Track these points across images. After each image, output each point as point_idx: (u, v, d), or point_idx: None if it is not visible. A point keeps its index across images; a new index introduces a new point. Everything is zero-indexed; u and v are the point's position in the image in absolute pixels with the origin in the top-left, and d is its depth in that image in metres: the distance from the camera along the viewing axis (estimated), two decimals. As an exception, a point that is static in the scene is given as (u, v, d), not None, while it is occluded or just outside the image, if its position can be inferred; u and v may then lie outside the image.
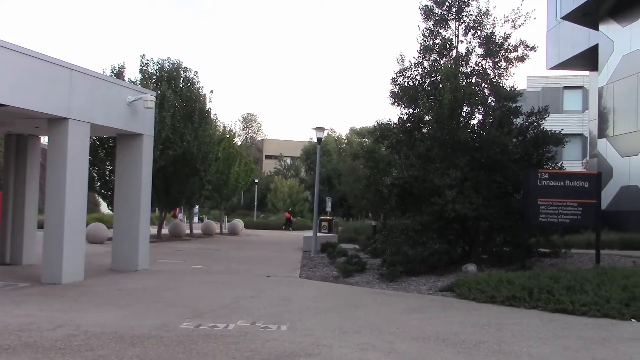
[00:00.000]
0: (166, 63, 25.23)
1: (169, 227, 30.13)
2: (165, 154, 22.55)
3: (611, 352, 6.79)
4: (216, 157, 28.71)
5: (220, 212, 37.13)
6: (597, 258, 12.96)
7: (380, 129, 15.96)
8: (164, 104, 22.12)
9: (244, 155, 37.34)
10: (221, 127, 33.49)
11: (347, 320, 8.51)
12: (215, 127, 29.85)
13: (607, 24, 24.82)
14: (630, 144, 22.91)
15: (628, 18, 23.35)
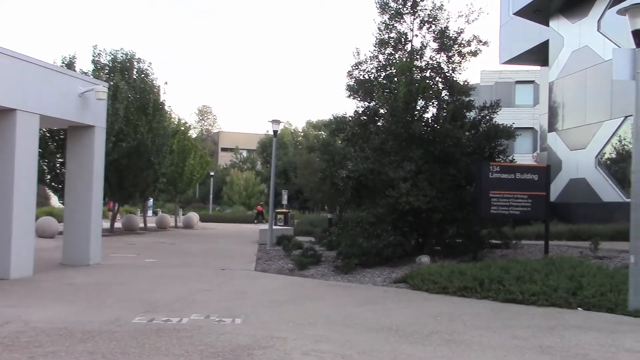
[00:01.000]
0: (119, 54, 24.77)
1: (122, 220, 29.66)
2: (118, 146, 22.16)
3: (558, 340, 6.99)
4: (171, 149, 28.36)
5: (175, 205, 36.72)
6: (546, 249, 13.31)
7: (336, 122, 16.02)
8: (117, 96, 21.72)
9: (199, 148, 36.96)
10: (176, 119, 33.09)
11: (302, 313, 8.54)
12: (169, 119, 29.48)
13: (558, 21, 25.41)
14: (579, 137, 23.54)
15: (577, 15, 23.94)
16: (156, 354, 6.08)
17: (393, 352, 6.37)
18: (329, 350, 6.38)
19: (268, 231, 19.87)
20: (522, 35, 28.70)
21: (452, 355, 6.28)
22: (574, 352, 6.45)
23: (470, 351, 6.45)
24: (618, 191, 20.82)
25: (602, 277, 9.88)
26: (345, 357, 6.11)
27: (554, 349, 6.58)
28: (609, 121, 21.63)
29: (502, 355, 6.31)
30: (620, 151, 21.32)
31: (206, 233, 29.77)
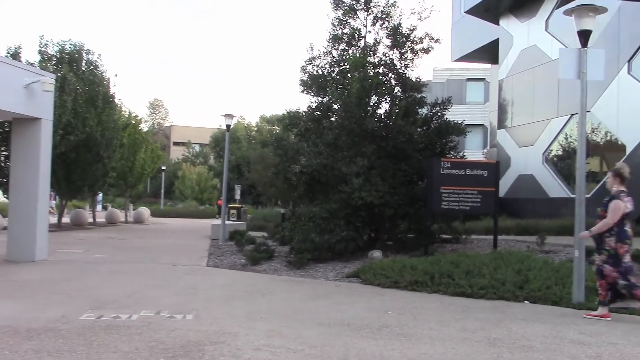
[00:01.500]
0: (67, 45, 24.14)
1: (70, 215, 28.98)
2: (66, 139, 21.61)
3: (505, 332, 7.14)
4: (121, 143, 27.82)
5: (125, 200, 36.08)
6: (495, 243, 13.58)
7: (290, 117, 15.98)
8: (64, 87, 21.17)
9: (151, 142, 36.38)
10: (127, 112, 32.49)
11: (254, 308, 8.51)
12: (120, 112, 28.91)
13: (507, 20, 25.92)
14: (527, 134, 24.10)
15: (526, 14, 24.46)
16: (104, 351, 5.97)
17: (344, 346, 6.40)
18: (280, 345, 6.38)
19: (220, 226, 19.71)
20: (473, 33, 29.17)
21: (402, 348, 6.36)
22: (520, 344, 6.60)
23: (420, 344, 6.54)
24: (564, 187, 21.41)
25: (548, 270, 10.14)
26: (297, 352, 6.12)
27: (501, 341, 6.72)
28: (556, 119, 22.20)
29: (450, 347, 6.41)
30: (567, 148, 21.92)
31: (157, 228, 29.34)
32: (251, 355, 5.94)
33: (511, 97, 25.69)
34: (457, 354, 6.16)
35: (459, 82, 45.97)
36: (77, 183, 24.49)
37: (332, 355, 6.03)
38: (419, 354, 6.16)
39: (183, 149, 74.18)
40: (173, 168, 62.77)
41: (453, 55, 31.47)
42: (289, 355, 5.99)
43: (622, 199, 7.97)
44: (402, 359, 5.97)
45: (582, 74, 9.11)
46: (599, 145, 20.57)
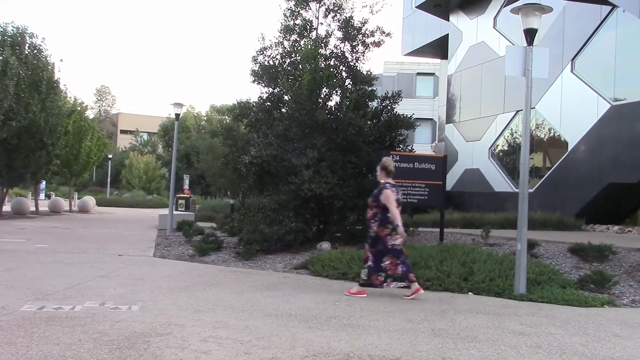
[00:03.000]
0: (10, 27, 23.36)
1: (11, 203, 28.13)
2: (7, 125, 20.96)
3: (449, 323, 7.29)
4: (66, 130, 27.16)
5: (70, 189, 35.24)
6: (441, 236, 13.82)
7: (240, 107, 15.86)
8: (6, 72, 20.54)
9: (97, 129, 35.60)
10: (72, 98, 31.68)
11: (201, 299, 8.44)
12: (65, 98, 28.18)
13: (457, 16, 26.33)
14: (474, 129, 24.59)
15: (475, 11, 24.90)
16: (45, 343, 5.83)
17: (292, 337, 6.42)
18: (227, 336, 6.35)
19: (168, 216, 19.47)
20: (424, 28, 29.54)
21: (349, 339, 6.42)
22: (463, 334, 6.75)
23: (366, 335, 6.61)
24: (509, 182, 21.95)
25: (492, 263, 10.38)
26: (244, 343, 6.11)
27: (445, 331, 6.86)
28: (502, 115, 22.72)
29: (396, 338, 6.51)
30: (512, 144, 22.46)
31: (103, 218, 28.76)
32: (197, 347, 5.90)
33: (459, 92, 26.14)
34: (402, 344, 6.25)
35: (409, 76, 46.48)
36: (19, 170, 23.81)
37: (279, 346, 6.04)
38: (365, 344, 6.23)
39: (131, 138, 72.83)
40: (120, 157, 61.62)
41: (404, 49, 31.82)
42: (235, 346, 5.98)
43: (388, 188, 8.98)
44: (349, 349, 6.03)
45: (528, 71, 9.33)
46: (543, 141, 21.15)
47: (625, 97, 17.24)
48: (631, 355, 6.15)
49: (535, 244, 12.41)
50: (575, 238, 13.38)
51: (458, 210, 21.39)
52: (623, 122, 17.00)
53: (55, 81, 24.94)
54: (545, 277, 9.83)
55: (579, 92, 18.79)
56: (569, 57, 19.20)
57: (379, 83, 18.23)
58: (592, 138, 18.18)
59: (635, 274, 10.79)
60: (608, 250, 11.60)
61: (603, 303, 8.79)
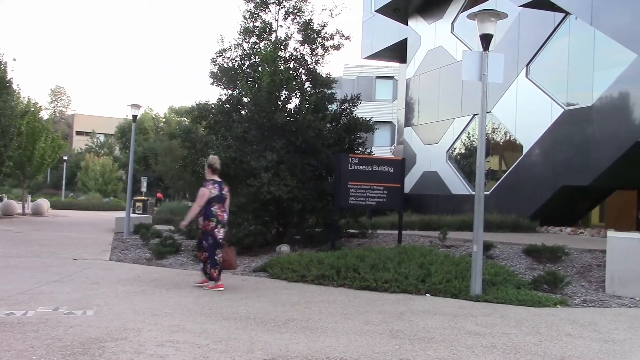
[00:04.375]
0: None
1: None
2: (-43, 126, 20.37)
3: (407, 324, 7.37)
4: (19, 131, 26.53)
5: (23, 191, 34.42)
6: (399, 238, 13.94)
7: (199, 109, 15.72)
8: (-44, 71, 19.94)
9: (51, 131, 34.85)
10: (25, 99, 30.96)
11: (158, 303, 8.34)
12: (18, 98, 27.53)
13: (416, 20, 26.64)
14: (432, 133, 24.90)
15: (434, 16, 25.24)
16: (-4, 350, 5.69)
17: (250, 340, 6.40)
18: (184, 340, 6.29)
19: (125, 219, 19.17)
20: (383, 32, 29.80)
21: (307, 341, 6.43)
22: (420, 335, 6.83)
23: (325, 337, 6.63)
24: (465, 184, 22.29)
25: (449, 264, 10.52)
26: (202, 347, 6.06)
27: (402, 333, 6.93)
28: (459, 118, 23.07)
29: (354, 340, 6.55)
30: (469, 147, 22.82)
31: (58, 221, 28.16)
32: (154, 351, 5.83)
33: (418, 96, 26.44)
34: (360, 346, 6.29)
35: (369, 79, 46.82)
36: (-32, 172, 23.16)
37: (237, 349, 6.02)
38: (324, 346, 6.25)
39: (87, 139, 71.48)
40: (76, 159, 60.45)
41: (363, 52, 32.03)
42: (193, 350, 5.93)
43: (207, 186, 9.67)
44: (307, 351, 6.04)
45: (484, 76, 9.50)
46: (499, 145, 21.55)
47: (578, 101, 17.69)
48: (582, 353, 6.31)
49: (491, 245, 12.63)
50: (530, 239, 13.67)
51: (416, 212, 21.62)
52: (576, 126, 17.44)
53: (7, 81, 24.36)
54: (500, 278, 10.01)
55: (533, 97, 19.20)
56: (524, 62, 19.61)
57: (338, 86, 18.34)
58: (546, 142, 18.59)
59: (587, 275, 11.08)
60: (561, 251, 11.90)
61: (556, 303, 8.99)
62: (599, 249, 12.05)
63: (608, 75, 16.46)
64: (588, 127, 17.00)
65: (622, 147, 15.64)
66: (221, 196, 9.79)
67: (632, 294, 9.80)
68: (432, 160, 24.75)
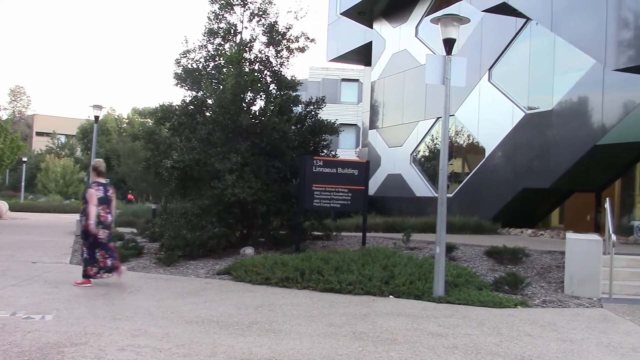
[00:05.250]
0: None
1: None
2: None
3: (370, 326, 7.41)
4: (-24, 132, 25.87)
5: (-20, 193, 33.61)
6: (363, 240, 14.01)
7: (162, 110, 15.55)
8: None
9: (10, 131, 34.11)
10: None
11: (119, 307, 8.23)
12: (-25, 98, 26.86)
13: (381, 24, 26.83)
14: (396, 135, 25.09)
15: (398, 20, 25.44)
16: (-50, 357, 5.54)
17: (213, 343, 6.36)
18: (146, 344, 6.22)
19: (86, 222, 18.82)
20: (348, 35, 29.91)
21: (271, 344, 6.41)
22: (384, 337, 6.87)
23: (288, 340, 6.63)
24: (429, 186, 22.50)
25: (412, 266, 10.61)
26: (164, 351, 6.00)
27: (366, 334, 6.96)
28: (423, 121, 23.29)
29: (318, 342, 6.56)
30: (432, 150, 23.05)
31: (17, 223, 27.53)
32: (115, 356, 5.75)
33: (382, 98, 26.62)
34: (323, 349, 6.30)
35: (334, 81, 46.97)
36: None
37: (199, 353, 5.97)
38: (287, 349, 6.24)
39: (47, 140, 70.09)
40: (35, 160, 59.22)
41: (328, 55, 32.11)
42: (155, 355, 5.86)
43: (93, 188, 10.04)
44: (270, 354, 6.02)
45: (447, 80, 9.62)
46: (462, 148, 21.81)
47: (538, 105, 18.01)
48: (541, 353, 6.43)
49: (453, 247, 12.78)
50: (492, 241, 13.87)
51: (381, 214, 21.73)
52: (536, 130, 17.76)
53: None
54: (462, 280, 10.14)
55: (495, 101, 19.49)
56: (486, 66, 19.89)
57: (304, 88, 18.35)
58: (507, 145, 18.89)
59: (547, 275, 11.29)
60: (521, 252, 12.10)
61: (516, 304, 9.15)
62: (559, 251, 12.29)
63: (567, 80, 16.82)
64: (548, 131, 17.33)
65: (580, 151, 15.98)
66: (106, 198, 10.12)
67: (589, 294, 10.02)
68: (396, 162, 24.92)
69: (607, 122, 15.32)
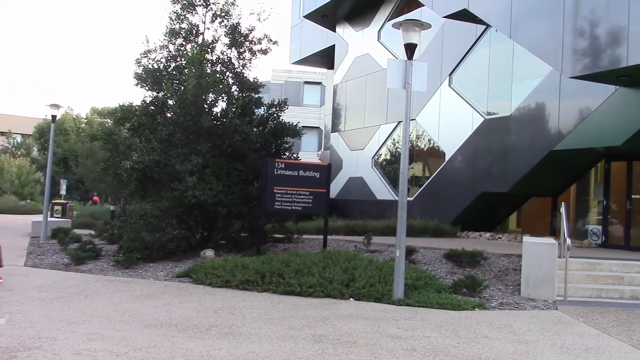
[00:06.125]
0: None
1: None
2: None
3: (330, 329, 7.42)
4: None
5: None
6: (325, 243, 14.03)
7: (122, 111, 15.31)
8: None
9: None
10: None
11: (75, 310, 8.08)
12: None
13: (343, 27, 26.93)
14: (358, 139, 25.21)
15: (361, 23, 25.58)
16: None
17: (171, 347, 6.29)
18: (103, 348, 6.12)
19: (42, 223, 18.45)
20: (311, 38, 29.95)
21: (230, 347, 6.37)
22: (343, 339, 6.90)
23: (248, 343, 6.60)
24: (390, 190, 22.66)
25: (373, 269, 10.67)
26: (120, 355, 5.91)
27: (326, 337, 6.97)
28: (385, 125, 23.44)
29: (277, 345, 6.54)
30: (394, 153, 23.22)
31: (-31, 225, 26.77)
32: (70, 361, 5.64)
33: (345, 102, 26.72)
34: (283, 352, 6.29)
35: (297, 84, 46.97)
36: None
37: (157, 357, 5.90)
38: (247, 352, 6.21)
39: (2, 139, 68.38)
40: (-10, 159, 57.62)
41: (291, 58, 32.08)
42: (111, 359, 5.77)
43: None
44: (229, 358, 5.99)
45: (408, 84, 9.71)
46: (423, 152, 22.03)
47: (497, 111, 18.30)
48: (497, 355, 6.54)
49: (413, 250, 12.90)
50: (451, 244, 14.04)
51: (342, 217, 21.78)
52: (495, 135, 18.04)
53: None
54: (422, 282, 10.24)
55: (456, 106, 19.74)
56: (447, 71, 20.13)
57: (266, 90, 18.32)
58: (467, 149, 19.14)
59: (504, 278, 11.48)
60: (480, 256, 12.28)
61: (474, 306, 9.28)
62: (516, 254, 12.51)
63: (525, 86, 17.13)
64: (507, 136, 17.62)
65: (537, 156, 16.29)
66: None
67: (545, 297, 10.23)
68: (358, 165, 25.03)
69: (563, 128, 15.66)
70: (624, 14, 11.45)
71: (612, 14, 11.74)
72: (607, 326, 8.27)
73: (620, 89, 13.89)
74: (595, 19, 12.23)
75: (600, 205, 16.34)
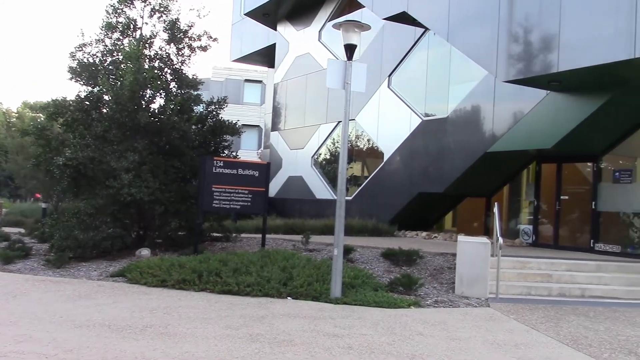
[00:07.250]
0: None
1: None
2: None
3: (267, 328, 7.41)
4: None
5: None
6: (263, 242, 13.99)
7: (55, 105, 14.84)
8: None
9: None
10: None
11: (2, 311, 7.79)
12: None
13: (284, 26, 26.92)
14: (298, 138, 25.25)
15: (302, 23, 25.63)
16: None
17: (104, 348, 6.15)
18: (31, 350, 5.93)
19: (-32, 221, 17.71)
20: (252, 36, 29.79)
21: (165, 348, 6.28)
22: (280, 338, 6.90)
23: (183, 343, 6.51)
24: (329, 189, 22.79)
25: (310, 268, 10.70)
26: (50, 357, 5.73)
27: (263, 336, 6.96)
28: (325, 125, 23.57)
29: (214, 345, 6.48)
30: (333, 153, 23.36)
31: None
32: (-5, 363, 5.44)
33: (285, 101, 26.71)
34: (219, 351, 6.24)
35: (238, 82, 46.69)
36: None
37: (89, 359, 5.76)
38: (182, 352, 6.13)
39: None
40: None
41: (232, 55, 31.84)
42: (40, 361, 5.60)
43: None
44: (164, 358, 5.90)
45: (347, 84, 9.79)
46: (362, 152, 22.25)
47: (435, 113, 18.66)
48: (431, 351, 6.67)
49: (351, 249, 13.01)
50: (389, 243, 14.24)
51: (281, 216, 21.77)
52: (432, 136, 18.40)
53: None
54: (359, 281, 10.35)
55: (394, 107, 20.02)
56: (386, 73, 20.39)
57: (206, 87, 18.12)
58: (405, 150, 19.45)
59: (439, 277, 11.72)
60: (416, 255, 12.50)
61: (410, 304, 9.44)
62: (450, 253, 12.79)
63: (462, 89, 17.53)
64: (443, 138, 17.99)
65: (472, 157, 16.70)
66: None
67: (478, 295, 10.50)
68: (297, 165, 25.06)
69: (497, 131, 16.10)
70: (555, 21, 11.87)
71: (545, 21, 12.15)
72: (536, 322, 8.56)
73: (551, 93, 14.39)
74: (529, 25, 12.63)
75: (532, 206, 16.89)
